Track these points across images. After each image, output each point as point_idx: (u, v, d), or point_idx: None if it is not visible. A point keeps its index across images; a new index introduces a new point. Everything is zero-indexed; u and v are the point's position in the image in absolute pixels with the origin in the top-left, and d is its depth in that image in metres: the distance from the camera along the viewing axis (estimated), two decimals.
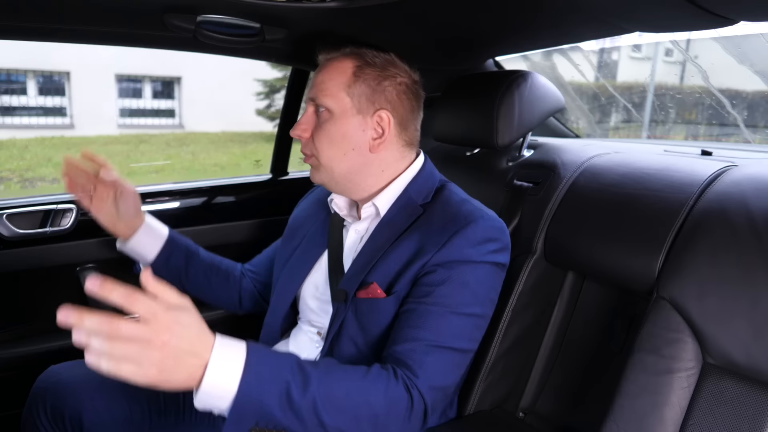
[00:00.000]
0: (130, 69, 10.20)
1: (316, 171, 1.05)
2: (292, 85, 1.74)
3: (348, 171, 1.02)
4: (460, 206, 1.00)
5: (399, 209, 1.02)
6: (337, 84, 1.00)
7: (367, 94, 1.00)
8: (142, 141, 10.01)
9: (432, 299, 0.91)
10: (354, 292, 0.97)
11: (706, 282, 0.88)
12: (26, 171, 8.19)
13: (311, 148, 1.03)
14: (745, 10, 0.79)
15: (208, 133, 10.64)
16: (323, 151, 1.01)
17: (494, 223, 0.98)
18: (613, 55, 4.33)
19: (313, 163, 1.04)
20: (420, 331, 0.90)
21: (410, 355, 0.88)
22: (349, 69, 1.01)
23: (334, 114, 1.00)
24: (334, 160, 1.01)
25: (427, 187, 1.05)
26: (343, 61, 1.02)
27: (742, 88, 2.16)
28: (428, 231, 0.97)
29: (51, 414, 0.96)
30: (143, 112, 10.56)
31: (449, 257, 0.93)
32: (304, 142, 1.04)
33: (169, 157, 9.58)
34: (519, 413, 1.23)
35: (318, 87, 1.02)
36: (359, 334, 0.96)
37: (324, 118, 1.01)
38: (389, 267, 0.96)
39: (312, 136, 1.02)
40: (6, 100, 9.40)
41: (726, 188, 0.97)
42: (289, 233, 1.20)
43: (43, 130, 9.57)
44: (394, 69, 1.03)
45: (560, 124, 1.79)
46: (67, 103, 9.81)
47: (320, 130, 1.01)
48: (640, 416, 0.89)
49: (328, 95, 1.00)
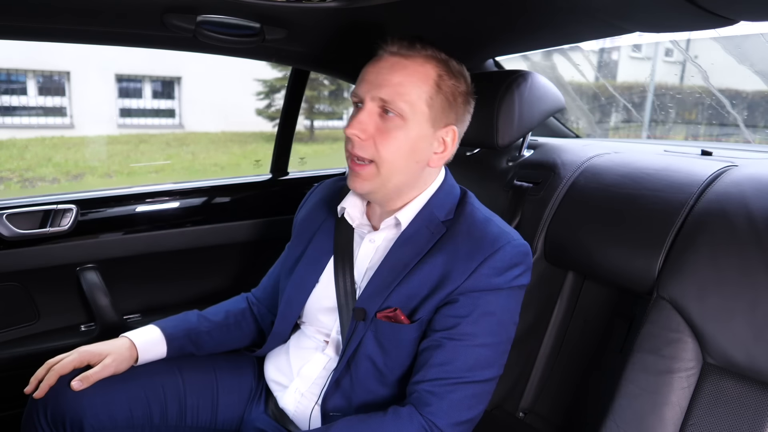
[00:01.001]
0: (130, 69, 10.18)
1: (365, 180, 0.94)
2: (292, 85, 1.74)
3: (403, 183, 0.96)
4: (485, 228, 0.95)
5: (421, 224, 0.98)
6: (418, 90, 0.91)
7: (444, 107, 0.93)
8: (142, 141, 10.00)
9: (458, 333, 0.90)
10: (374, 313, 0.95)
11: (706, 282, 0.88)
12: (26, 171, 8.19)
13: (372, 152, 0.92)
14: (745, 10, 0.79)
15: (208, 133, 10.63)
16: (387, 159, 0.92)
17: (520, 248, 0.95)
18: (613, 55, 4.33)
19: (363, 170, 0.94)
20: (445, 367, 0.89)
21: (435, 393, 0.88)
22: (431, 76, 0.92)
23: (408, 122, 0.91)
24: (396, 170, 0.93)
25: (450, 201, 1.01)
26: (424, 65, 0.92)
27: (743, 87, 2.16)
28: (454, 256, 0.93)
29: (51, 419, 0.95)
30: (143, 112, 10.56)
31: (476, 287, 0.90)
32: (359, 143, 0.92)
33: (170, 157, 9.56)
34: (519, 413, 1.23)
35: (394, 89, 0.90)
36: (378, 354, 0.95)
37: (394, 123, 0.91)
38: (413, 291, 0.94)
39: (374, 139, 0.92)
40: (6, 99, 9.40)
41: (726, 188, 0.97)
42: (296, 237, 1.17)
43: (43, 130, 9.56)
44: (463, 80, 0.96)
45: (560, 124, 1.79)
46: (67, 103, 9.81)
47: (387, 136, 0.91)
48: (640, 416, 0.89)
49: (406, 101, 0.90)
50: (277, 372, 1.09)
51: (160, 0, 1.05)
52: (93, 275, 1.52)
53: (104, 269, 1.54)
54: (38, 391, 0.95)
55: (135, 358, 1.04)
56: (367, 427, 0.87)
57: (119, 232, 1.55)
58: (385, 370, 0.95)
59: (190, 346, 1.11)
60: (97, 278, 1.52)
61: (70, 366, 0.97)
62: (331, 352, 1.03)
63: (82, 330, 1.56)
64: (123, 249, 1.56)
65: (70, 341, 1.47)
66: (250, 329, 1.20)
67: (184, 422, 1.06)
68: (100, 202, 1.53)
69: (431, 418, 0.87)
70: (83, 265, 1.52)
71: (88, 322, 1.58)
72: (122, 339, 1.05)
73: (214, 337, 1.14)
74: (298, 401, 1.02)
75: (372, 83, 0.92)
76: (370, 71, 0.94)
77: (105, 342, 1.03)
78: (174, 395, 1.05)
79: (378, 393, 0.96)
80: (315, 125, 11.34)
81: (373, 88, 0.92)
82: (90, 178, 8.20)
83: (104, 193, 1.57)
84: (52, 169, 8.29)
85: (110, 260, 1.55)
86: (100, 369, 0.97)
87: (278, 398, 1.06)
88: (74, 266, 1.51)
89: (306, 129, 11.29)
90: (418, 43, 0.93)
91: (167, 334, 1.08)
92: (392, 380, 0.95)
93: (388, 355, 0.95)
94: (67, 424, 0.95)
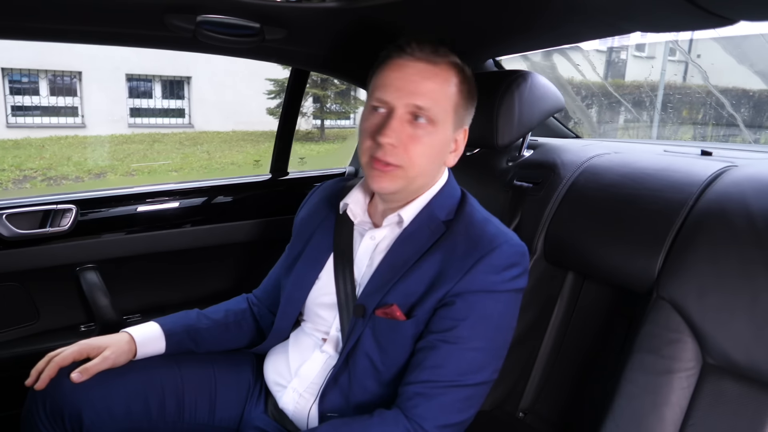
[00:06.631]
0: (141, 69, 10.23)
1: (394, 180, 0.94)
2: (292, 85, 1.74)
3: (425, 183, 0.99)
4: (483, 228, 0.97)
5: (422, 223, 0.99)
6: (446, 97, 0.94)
7: (462, 112, 0.97)
8: (155, 140, 10.04)
9: (453, 336, 0.90)
10: (373, 309, 0.96)
11: (706, 282, 0.88)
12: (48, 170, 8.23)
13: (402, 158, 0.92)
14: (744, 10, 0.79)
15: (219, 133, 10.68)
16: (418, 163, 0.93)
17: (517, 247, 0.95)
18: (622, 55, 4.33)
19: (392, 172, 0.94)
20: (438, 370, 0.89)
21: (424, 394, 0.88)
22: (453, 82, 0.95)
23: (438, 126, 0.93)
24: (422, 173, 0.96)
25: (450, 202, 1.02)
26: (446, 71, 0.94)
27: (749, 86, 2.16)
28: (452, 254, 0.94)
29: (50, 412, 0.96)
30: (153, 111, 10.62)
31: (472, 286, 0.91)
32: (391, 150, 0.92)
33: (186, 156, 9.59)
34: (519, 413, 1.23)
35: (429, 96, 0.92)
36: (375, 351, 0.96)
37: (425, 130, 0.92)
38: (410, 288, 0.95)
39: (405, 146, 0.92)
40: (19, 99, 9.44)
41: (726, 188, 0.97)
42: (296, 237, 1.18)
43: (55, 130, 9.63)
44: (473, 82, 1.00)
45: (560, 124, 1.79)
46: (79, 102, 9.87)
47: (419, 143, 0.92)
48: (640, 416, 0.89)
49: (437, 106, 0.92)
50: (276, 372, 1.09)
51: (160, 0, 1.05)
52: (93, 275, 1.52)
53: (104, 269, 1.54)
54: (39, 382, 0.96)
55: (134, 352, 1.05)
56: (351, 429, 0.88)
57: (119, 232, 1.55)
58: (382, 367, 0.96)
59: (189, 342, 1.12)
60: (96, 278, 1.52)
61: (70, 358, 0.99)
62: (330, 349, 1.04)
63: (81, 330, 1.56)
64: (122, 249, 1.56)
65: (70, 341, 1.46)
66: (249, 329, 1.21)
67: (182, 418, 1.06)
68: (99, 202, 1.53)
69: (418, 421, 0.87)
70: (83, 265, 1.52)
71: (87, 322, 1.58)
72: (122, 333, 1.06)
73: (214, 334, 1.15)
74: (297, 401, 1.03)
75: (403, 90, 0.92)
76: (397, 77, 0.93)
77: (104, 336, 1.05)
78: (172, 391, 1.05)
79: (375, 392, 0.96)
80: (324, 124, 11.39)
81: (405, 95, 0.91)
82: (112, 176, 8.30)
83: (104, 193, 1.57)
84: (73, 168, 8.35)
85: (110, 260, 1.55)
86: (99, 361, 0.99)
87: (277, 398, 1.06)
88: (74, 266, 1.51)
89: (317, 128, 11.34)
90: (441, 48, 0.95)
91: (166, 329, 1.09)
92: (388, 378, 0.95)
93: (385, 353, 0.95)
94: (66, 417, 0.96)
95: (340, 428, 0.89)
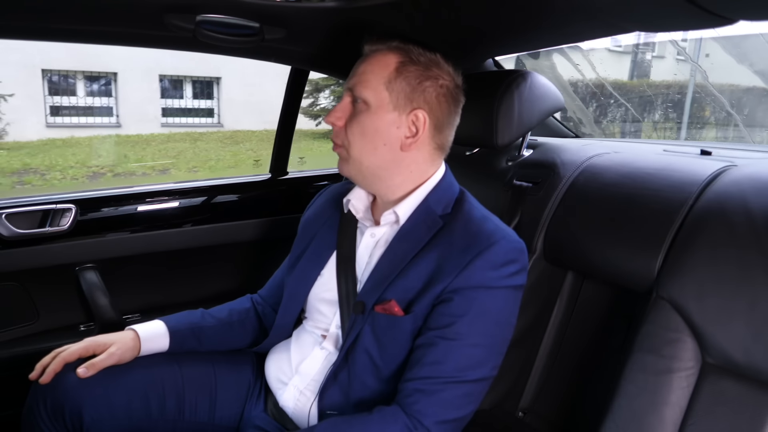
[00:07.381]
0: (173, 70, 10.37)
1: (345, 163, 1.03)
2: (292, 85, 1.74)
3: (377, 166, 1.01)
4: (481, 224, 0.98)
5: (419, 219, 1.01)
6: (378, 77, 0.98)
7: (406, 91, 0.98)
8: (196, 139, 10.09)
9: (452, 332, 0.90)
10: (372, 306, 0.97)
11: (706, 282, 0.88)
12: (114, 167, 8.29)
13: (342, 138, 1.01)
14: (744, 9, 0.79)
15: (254, 131, 10.74)
16: (354, 142, 1.00)
17: (515, 244, 0.96)
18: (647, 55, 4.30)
19: (342, 154, 1.03)
20: (437, 366, 0.89)
21: (424, 390, 0.88)
22: (392, 64, 0.99)
23: (371, 107, 0.98)
24: (364, 153, 1.00)
25: (447, 196, 1.03)
26: (387, 55, 1.00)
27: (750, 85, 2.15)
28: (450, 250, 0.95)
29: (51, 409, 0.97)
30: (183, 111, 10.77)
31: (470, 282, 0.91)
32: (336, 130, 1.02)
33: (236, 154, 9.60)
34: (518, 413, 1.23)
35: (358, 78, 1.00)
36: (374, 347, 0.96)
37: (360, 109, 0.99)
38: (408, 284, 0.95)
39: (345, 126, 1.01)
40: (57, 100, 9.53)
41: (725, 188, 0.97)
42: (300, 235, 1.19)
43: (92, 129, 9.72)
44: (437, 70, 1.00)
45: (560, 123, 1.79)
46: (114, 102, 9.98)
47: (354, 122, 1.00)
48: (640, 416, 0.89)
49: (368, 87, 0.98)
50: (278, 369, 1.09)
51: (160, 0, 1.05)
52: (92, 275, 1.53)
53: (104, 269, 1.54)
54: (44, 376, 0.98)
55: (138, 348, 1.07)
56: (351, 426, 0.88)
57: (118, 232, 1.55)
58: (381, 364, 0.96)
59: (192, 340, 1.13)
60: (96, 278, 1.52)
61: (76, 354, 1.01)
62: (330, 346, 1.04)
63: (81, 330, 1.56)
64: (122, 249, 1.56)
65: (70, 341, 1.47)
66: (253, 328, 1.22)
67: (182, 417, 1.07)
68: (99, 201, 1.54)
69: (418, 417, 0.87)
70: (83, 264, 1.52)
71: (87, 321, 1.58)
72: (127, 331, 1.08)
73: (217, 333, 1.16)
74: (297, 399, 1.03)
75: (349, 77, 1.02)
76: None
77: (110, 333, 1.07)
78: (172, 390, 1.06)
79: (374, 388, 0.97)
80: None
81: (348, 81, 1.02)
82: (175, 172, 8.42)
83: (103, 192, 1.57)
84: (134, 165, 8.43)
85: (110, 260, 1.55)
86: (105, 357, 1.01)
87: (278, 396, 1.07)
88: (74, 266, 1.51)
89: None
90: (393, 41, 1.01)
91: (170, 327, 1.11)
92: (387, 375, 0.96)
93: (384, 349, 0.95)
94: (67, 414, 0.97)
95: (339, 425, 0.89)
